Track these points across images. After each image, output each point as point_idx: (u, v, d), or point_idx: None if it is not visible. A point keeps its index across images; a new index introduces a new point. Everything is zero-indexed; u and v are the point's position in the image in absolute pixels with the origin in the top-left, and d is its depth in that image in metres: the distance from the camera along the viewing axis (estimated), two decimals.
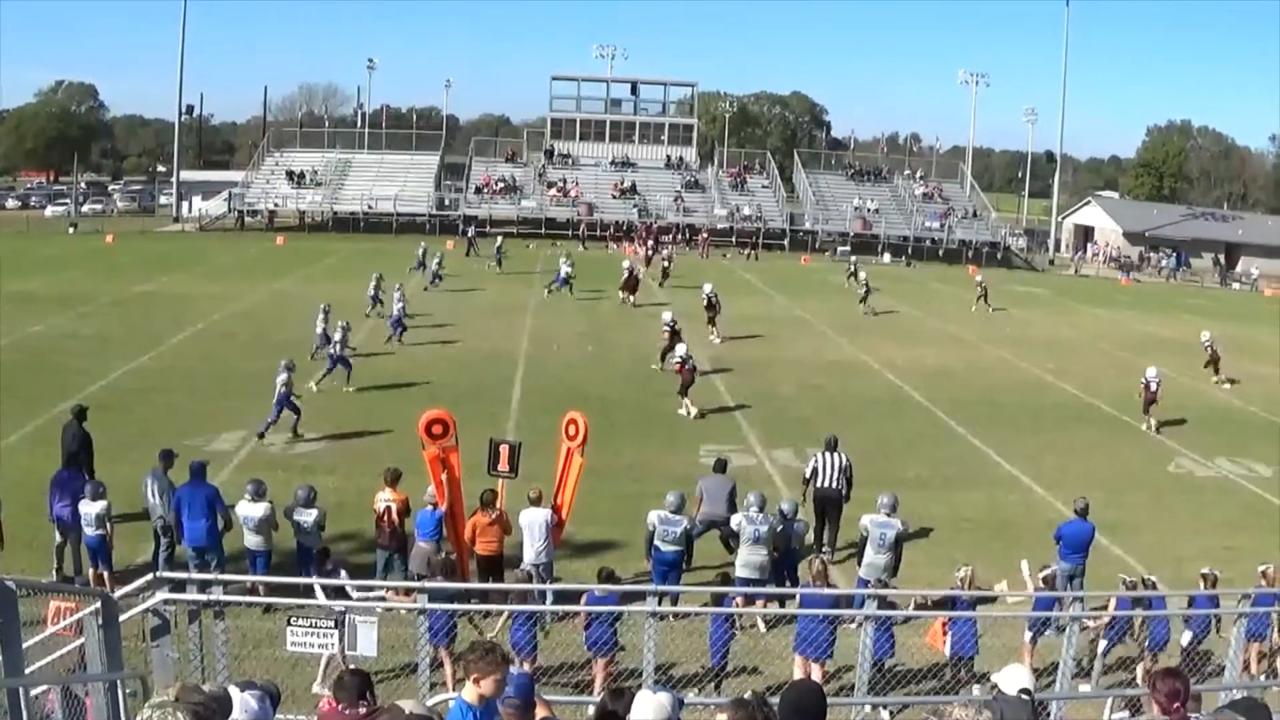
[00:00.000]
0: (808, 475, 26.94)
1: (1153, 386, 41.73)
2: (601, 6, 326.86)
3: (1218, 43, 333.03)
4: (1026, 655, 18.54)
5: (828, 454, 26.82)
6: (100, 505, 21.49)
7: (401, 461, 23.60)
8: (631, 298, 64.80)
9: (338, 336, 40.64)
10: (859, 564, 22.56)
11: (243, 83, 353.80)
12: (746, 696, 8.67)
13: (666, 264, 74.46)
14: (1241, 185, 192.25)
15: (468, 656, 10.10)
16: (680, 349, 41.00)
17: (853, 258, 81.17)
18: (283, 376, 33.79)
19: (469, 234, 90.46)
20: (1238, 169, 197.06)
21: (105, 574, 21.47)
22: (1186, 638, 19.68)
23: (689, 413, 39.23)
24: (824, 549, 25.53)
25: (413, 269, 70.40)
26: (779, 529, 22.06)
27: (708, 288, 56.32)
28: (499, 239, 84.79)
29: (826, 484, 26.50)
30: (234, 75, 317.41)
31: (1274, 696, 15.88)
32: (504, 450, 23.01)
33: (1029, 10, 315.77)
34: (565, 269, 67.98)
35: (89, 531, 21.48)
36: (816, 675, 18.08)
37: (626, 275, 65.86)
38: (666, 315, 46.13)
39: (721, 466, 25.69)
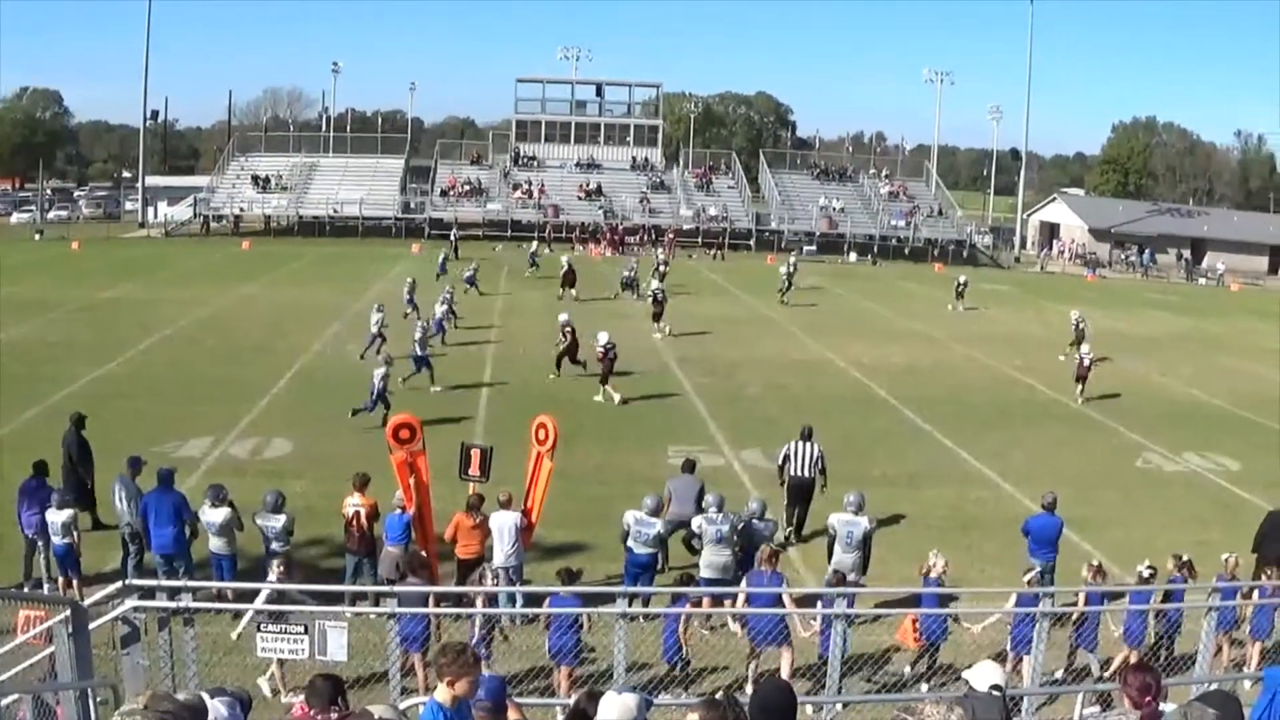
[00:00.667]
0: (780, 462, 27.60)
1: (1085, 362, 44.49)
2: (566, 8, 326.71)
3: (1182, 39, 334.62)
4: (1008, 662, 18.60)
5: (802, 443, 27.55)
6: (66, 514, 21.47)
7: (369, 466, 23.60)
8: (570, 291, 65.75)
9: (417, 336, 41.79)
10: (829, 562, 22.65)
11: (207, 87, 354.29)
12: (718, 696, 8.71)
13: (664, 267, 74.02)
14: (1207, 181, 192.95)
15: (440, 659, 10.12)
16: (602, 337, 41.37)
17: (791, 258, 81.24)
18: (380, 371, 35.37)
19: (452, 237, 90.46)
20: (1203, 165, 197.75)
21: (75, 581, 21.48)
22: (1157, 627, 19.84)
23: (611, 399, 40.18)
24: (789, 536, 26.07)
25: (438, 276, 70.00)
26: (740, 528, 22.13)
27: (654, 284, 56.98)
28: (534, 244, 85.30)
29: (798, 472, 27.28)
30: (198, 80, 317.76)
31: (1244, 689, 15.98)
32: (475, 454, 23.07)
33: (993, 9, 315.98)
34: (626, 272, 69.34)
35: (56, 540, 21.45)
36: (786, 669, 18.25)
37: (565, 270, 67.44)
38: (563, 316, 45.48)
39: (690, 467, 25.80)
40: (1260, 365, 56.43)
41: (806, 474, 27.32)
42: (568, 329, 43.93)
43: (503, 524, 21.48)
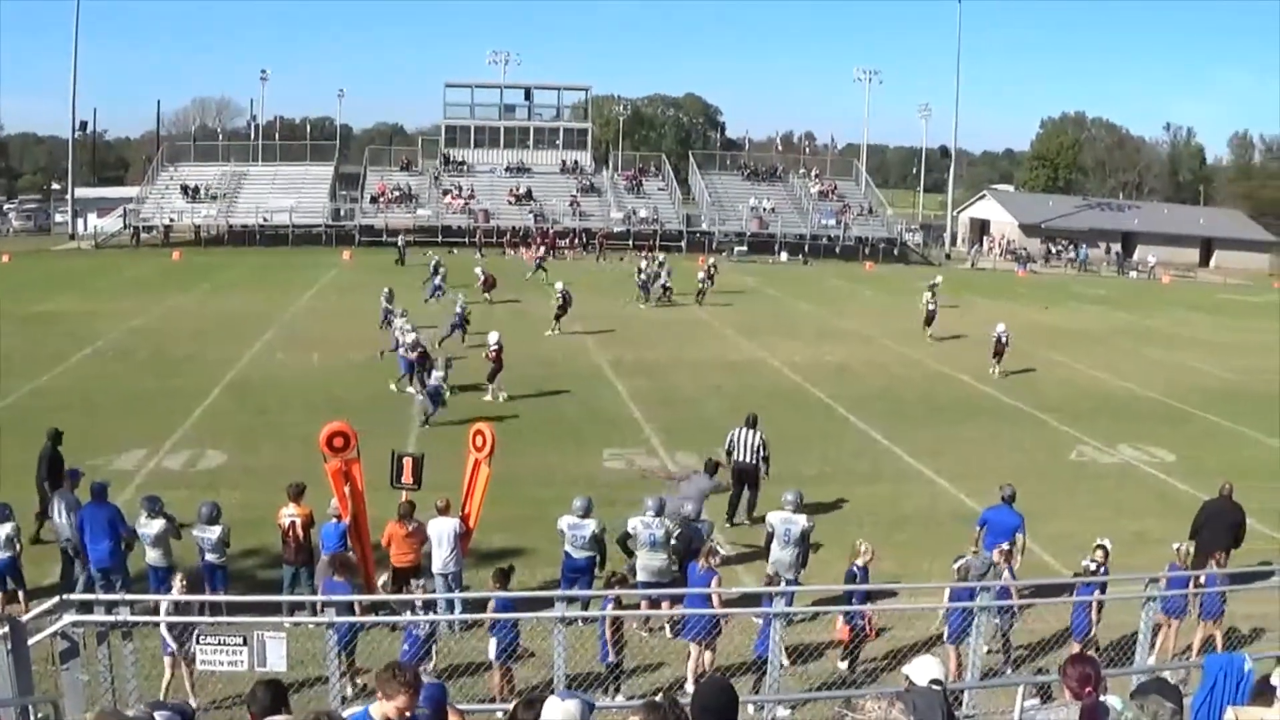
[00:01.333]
0: (727, 449, 29.09)
1: (1002, 339, 48.40)
2: (494, 12, 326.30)
3: (1110, 34, 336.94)
4: (951, 657, 18.73)
5: (745, 430, 29.25)
6: (8, 527, 21.35)
7: (305, 475, 23.53)
8: (488, 296, 65.90)
9: (408, 340, 42.11)
10: (767, 559, 22.81)
11: (135, 97, 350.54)
12: (659, 699, 8.76)
13: (651, 277, 73.21)
14: (1137, 175, 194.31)
15: (380, 675, 10.05)
16: (493, 336, 42.05)
17: (710, 260, 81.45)
18: (439, 374, 37.76)
19: (400, 244, 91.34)
20: (1132, 159, 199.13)
21: (20, 594, 21.37)
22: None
23: (497, 397, 40.92)
24: (737, 518, 27.26)
25: (425, 281, 69.75)
26: (676, 532, 22.15)
27: (559, 285, 57.63)
28: (540, 250, 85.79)
29: (742, 458, 28.87)
30: (126, 90, 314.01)
31: (1175, 676, 16.12)
32: (408, 463, 23.00)
33: (921, 7, 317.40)
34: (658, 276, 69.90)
35: None
36: (700, 667, 18.50)
37: (484, 278, 67.46)
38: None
39: (712, 469, 26.17)
40: (1193, 357, 57.16)
41: (749, 460, 28.72)
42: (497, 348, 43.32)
43: (441, 530, 21.51)
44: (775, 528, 22.65)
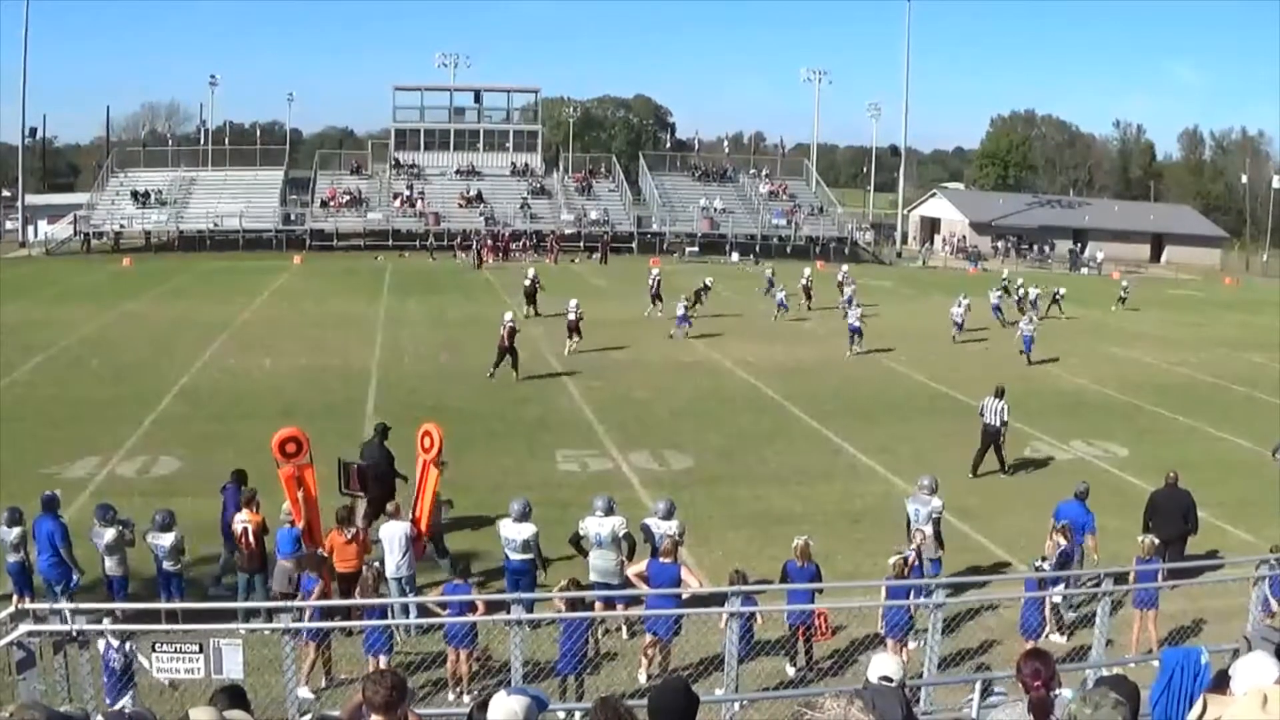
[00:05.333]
0: (980, 412, 34.32)
1: (1031, 296, 67.56)
2: (442, 15, 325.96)
3: (1058, 32, 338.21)
4: (891, 652, 18.79)
5: (993, 399, 34.01)
6: (15, 532, 21.18)
7: (258, 481, 23.49)
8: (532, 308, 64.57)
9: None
10: (908, 539, 23.37)
11: (85, 103, 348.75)
12: (608, 698, 8.74)
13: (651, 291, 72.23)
14: (1087, 172, 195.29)
15: (366, 688, 9.89)
16: (507, 315, 44.27)
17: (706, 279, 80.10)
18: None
19: (475, 247, 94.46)
20: (1083, 156, 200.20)
21: (28, 599, 21.19)
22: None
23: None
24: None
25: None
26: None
27: (572, 303, 56.99)
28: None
29: (989, 420, 33.78)
30: (76, 96, 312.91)
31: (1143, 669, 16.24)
32: (354, 470, 22.93)
33: (869, 7, 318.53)
34: (780, 294, 68.07)
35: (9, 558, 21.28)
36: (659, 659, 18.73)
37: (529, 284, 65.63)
38: (508, 315, 44.53)
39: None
40: (1144, 352, 57.55)
41: (994, 422, 33.53)
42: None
43: (392, 534, 21.50)
44: (909, 511, 24.19)
